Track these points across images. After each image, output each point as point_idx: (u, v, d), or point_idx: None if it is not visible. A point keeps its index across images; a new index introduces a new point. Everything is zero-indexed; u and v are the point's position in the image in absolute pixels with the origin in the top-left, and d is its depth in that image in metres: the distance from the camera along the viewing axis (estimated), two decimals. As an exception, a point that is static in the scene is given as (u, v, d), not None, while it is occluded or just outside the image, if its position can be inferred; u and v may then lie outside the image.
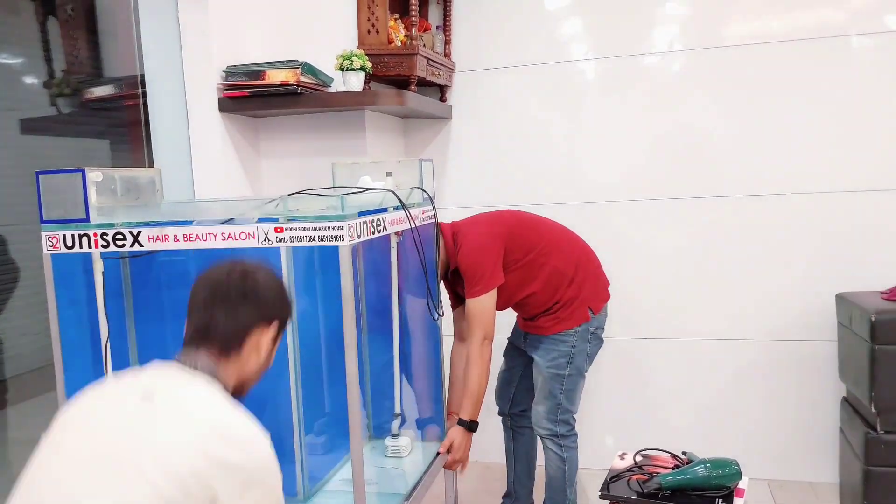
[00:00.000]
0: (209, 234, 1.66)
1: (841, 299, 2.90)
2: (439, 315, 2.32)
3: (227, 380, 1.35)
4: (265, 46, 2.91)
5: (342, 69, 2.70)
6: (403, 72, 2.87)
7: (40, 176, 1.73)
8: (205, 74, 2.72)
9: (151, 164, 2.78)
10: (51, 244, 1.75)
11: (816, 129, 3.03)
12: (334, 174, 2.22)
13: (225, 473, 1.16)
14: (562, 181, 3.32)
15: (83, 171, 1.71)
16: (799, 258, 3.10)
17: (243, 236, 1.65)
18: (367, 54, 2.75)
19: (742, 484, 2.12)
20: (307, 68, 2.69)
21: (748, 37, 3.06)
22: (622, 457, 2.31)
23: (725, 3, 3.08)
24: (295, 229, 1.62)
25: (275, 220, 1.65)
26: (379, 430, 2.38)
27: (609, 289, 2.70)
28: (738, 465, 2.10)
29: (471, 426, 2.37)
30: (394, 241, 2.24)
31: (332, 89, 2.83)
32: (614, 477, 2.19)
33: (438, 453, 2.30)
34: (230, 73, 2.72)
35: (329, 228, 1.60)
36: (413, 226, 2.06)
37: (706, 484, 2.07)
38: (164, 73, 2.76)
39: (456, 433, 2.35)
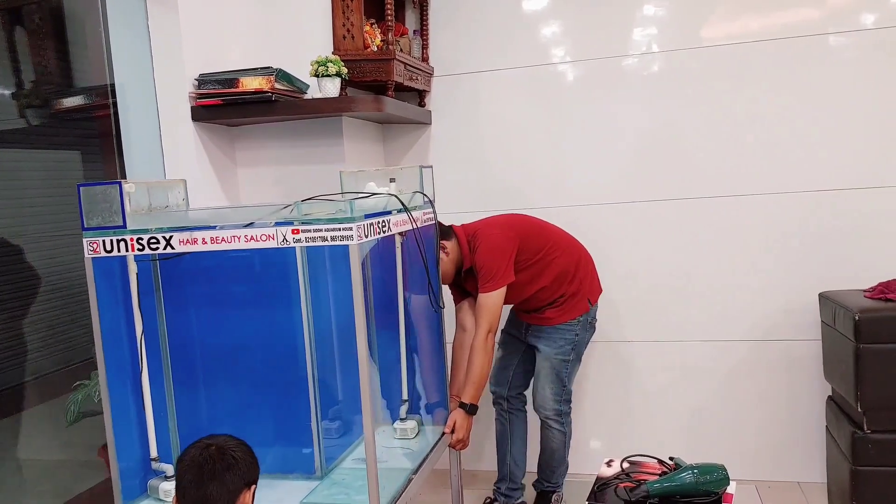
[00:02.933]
0: (234, 236, 1.86)
1: (824, 298, 2.89)
2: (441, 307, 2.52)
3: None
4: (239, 54, 2.86)
5: (317, 75, 2.66)
6: (380, 77, 2.83)
7: (81, 188, 1.94)
8: (177, 83, 2.67)
9: (124, 176, 2.72)
10: (91, 249, 1.95)
11: (797, 128, 3.02)
12: (342, 181, 2.42)
13: None
14: (544, 185, 3.29)
15: (120, 183, 1.92)
16: (782, 257, 3.09)
17: (264, 238, 1.84)
18: (343, 60, 2.71)
19: (730, 489, 2.09)
20: (282, 75, 2.64)
21: (726, 37, 3.05)
22: (609, 464, 2.28)
23: (703, 4, 3.06)
24: (310, 231, 1.82)
25: (290, 223, 1.83)
26: (388, 414, 2.55)
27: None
28: (725, 470, 2.07)
29: (471, 409, 2.58)
30: (398, 240, 2.41)
31: (309, 96, 2.78)
32: (602, 485, 2.15)
33: (444, 433, 2.52)
34: (203, 81, 2.67)
35: (340, 230, 1.80)
36: (415, 227, 2.26)
37: (694, 490, 2.04)
38: (134, 83, 2.70)
39: (458, 415, 2.56)
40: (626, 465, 2.26)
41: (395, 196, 2.17)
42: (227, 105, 2.64)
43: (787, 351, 3.13)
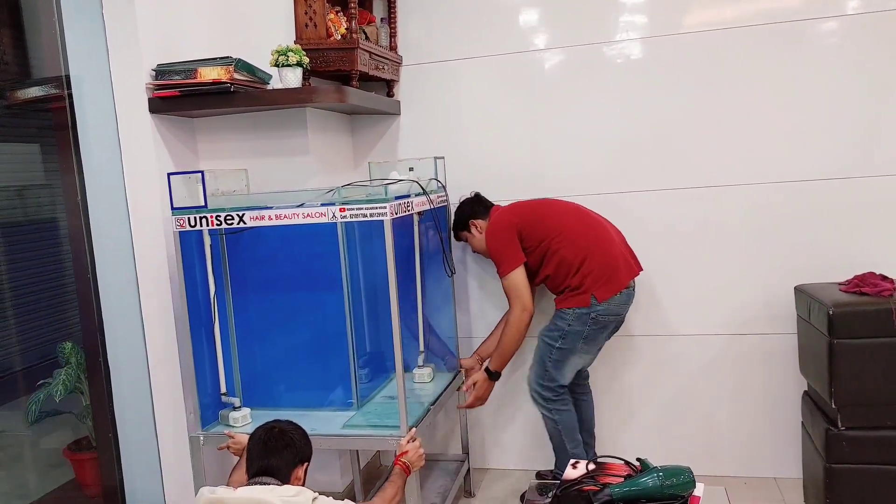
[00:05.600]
0: (294, 213, 2.38)
1: (800, 292, 2.83)
2: (452, 272, 3.00)
3: None
4: (199, 43, 2.77)
5: (278, 65, 2.58)
6: (344, 67, 2.75)
7: (170, 176, 2.43)
8: (133, 74, 2.58)
9: (80, 170, 2.64)
10: (178, 224, 2.46)
11: (775, 117, 2.96)
12: (371, 170, 2.97)
13: None
14: (519, 177, 3.22)
15: (202, 172, 2.42)
16: (757, 250, 3.03)
17: (317, 214, 2.36)
18: (305, 49, 2.63)
19: (697, 491, 2.04)
20: (241, 65, 2.56)
21: (705, 23, 2.97)
22: (574, 465, 2.22)
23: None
24: (353, 209, 2.33)
25: (333, 203, 2.35)
26: (407, 364, 2.94)
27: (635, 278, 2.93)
28: (691, 473, 2.02)
29: (493, 375, 2.92)
30: (416, 218, 2.84)
31: (271, 87, 2.70)
32: (566, 488, 2.09)
33: (462, 389, 2.99)
34: (160, 71, 2.58)
35: (376, 208, 2.30)
36: (432, 207, 2.79)
37: (659, 494, 1.98)
38: (90, 74, 2.61)
39: (480, 376, 2.93)
40: (591, 466, 2.20)
41: (417, 182, 2.66)
42: (185, 96, 2.56)
43: (763, 345, 3.08)
